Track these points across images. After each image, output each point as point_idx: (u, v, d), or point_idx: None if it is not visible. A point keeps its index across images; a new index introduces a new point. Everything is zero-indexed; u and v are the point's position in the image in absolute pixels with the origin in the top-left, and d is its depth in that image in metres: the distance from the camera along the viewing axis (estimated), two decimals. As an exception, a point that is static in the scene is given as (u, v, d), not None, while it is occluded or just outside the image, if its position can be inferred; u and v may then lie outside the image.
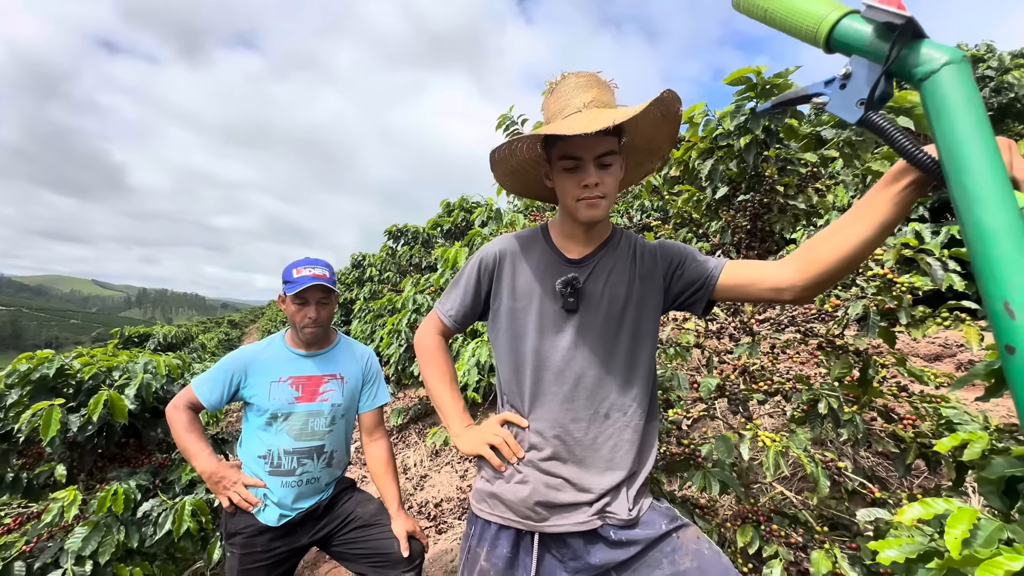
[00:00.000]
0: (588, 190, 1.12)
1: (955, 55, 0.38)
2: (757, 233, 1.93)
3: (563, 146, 1.11)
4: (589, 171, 1.11)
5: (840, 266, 0.97)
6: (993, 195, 0.35)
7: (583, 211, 1.15)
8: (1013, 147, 0.76)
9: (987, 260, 0.35)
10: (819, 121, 2.13)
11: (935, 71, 0.38)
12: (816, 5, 0.47)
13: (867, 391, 1.79)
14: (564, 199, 1.16)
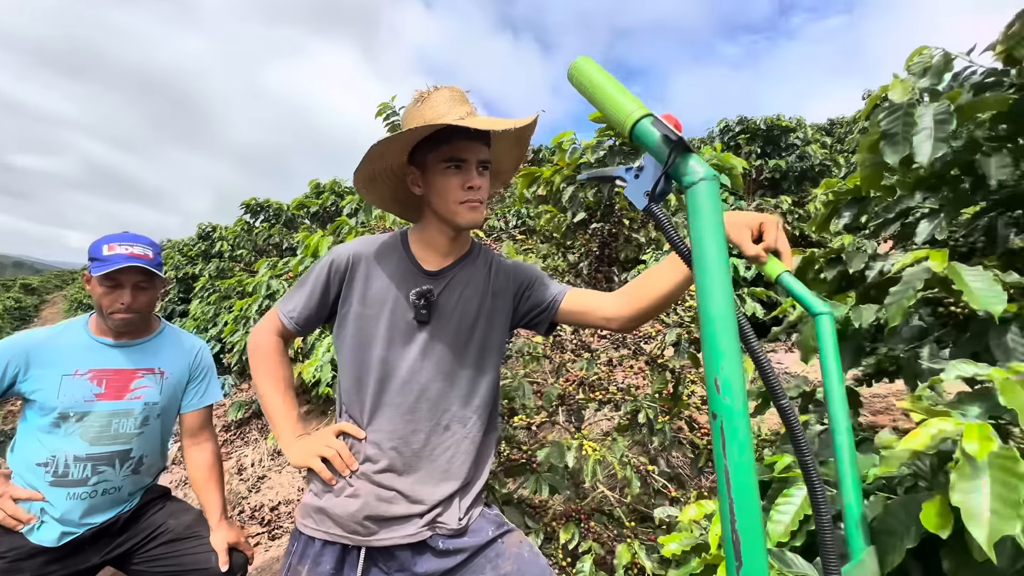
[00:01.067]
0: (473, 192, 1.13)
1: (709, 174, 0.47)
2: (604, 258, 2.13)
3: (449, 148, 1.10)
4: (474, 173, 1.12)
5: (656, 304, 1.13)
6: (717, 289, 0.44)
7: (465, 214, 1.14)
8: (779, 223, 0.96)
9: (707, 342, 0.44)
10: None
11: (695, 183, 0.47)
12: (626, 102, 0.55)
13: (677, 404, 2.10)
14: (443, 202, 1.14)
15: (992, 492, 0.59)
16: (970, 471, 0.61)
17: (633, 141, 0.54)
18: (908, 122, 1.13)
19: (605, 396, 2.33)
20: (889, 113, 1.17)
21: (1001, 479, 0.59)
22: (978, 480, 0.60)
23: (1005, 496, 0.58)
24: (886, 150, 1.15)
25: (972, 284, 0.90)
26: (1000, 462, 0.60)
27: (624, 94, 0.56)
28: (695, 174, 0.48)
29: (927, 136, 1.09)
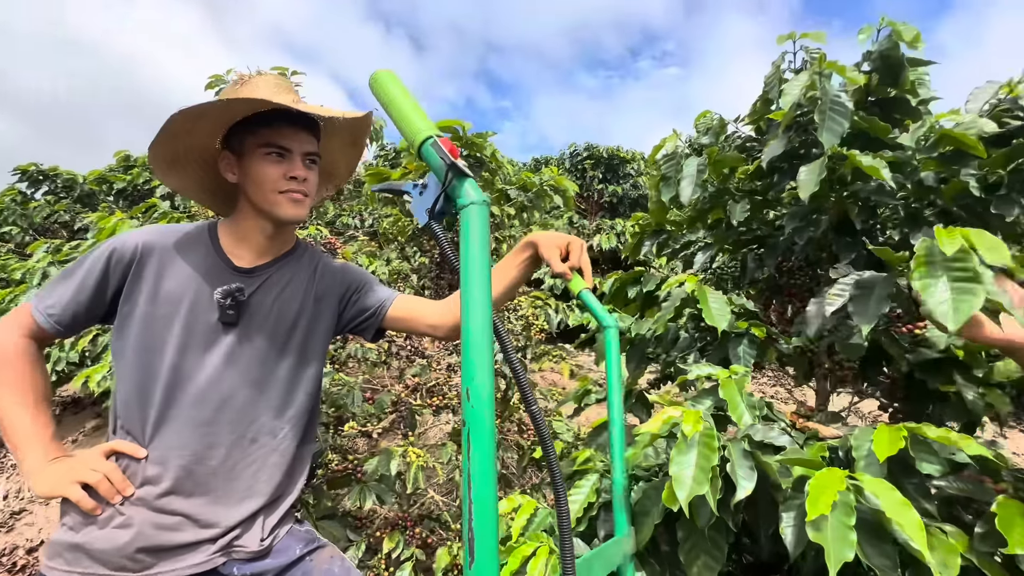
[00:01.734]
0: (296, 183, 1.05)
1: (480, 199, 0.53)
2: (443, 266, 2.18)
3: (270, 133, 1.02)
4: (298, 163, 1.06)
5: None
6: (477, 306, 0.50)
7: (286, 207, 1.06)
8: (583, 245, 1.09)
9: (464, 354, 0.49)
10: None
11: (466, 206, 0.52)
12: (417, 120, 0.59)
13: (507, 407, 2.23)
14: (261, 192, 1.04)
15: (697, 463, 0.75)
16: (685, 447, 0.77)
17: (420, 158, 0.58)
18: (678, 168, 1.39)
19: (443, 402, 2.38)
20: (667, 160, 1.42)
21: (704, 452, 0.76)
22: (689, 454, 0.76)
23: (704, 465, 0.74)
24: (663, 190, 1.40)
25: (712, 305, 1.13)
26: (704, 439, 0.77)
27: (417, 112, 0.60)
28: (468, 197, 0.53)
29: (689, 182, 1.35)
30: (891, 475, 0.85)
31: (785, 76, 1.33)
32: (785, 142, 1.26)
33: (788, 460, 0.74)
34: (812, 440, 0.93)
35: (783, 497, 0.74)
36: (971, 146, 1.05)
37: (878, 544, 0.66)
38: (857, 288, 0.84)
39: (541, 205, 2.41)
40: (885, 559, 0.65)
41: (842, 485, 0.66)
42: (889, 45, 1.18)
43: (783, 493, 0.75)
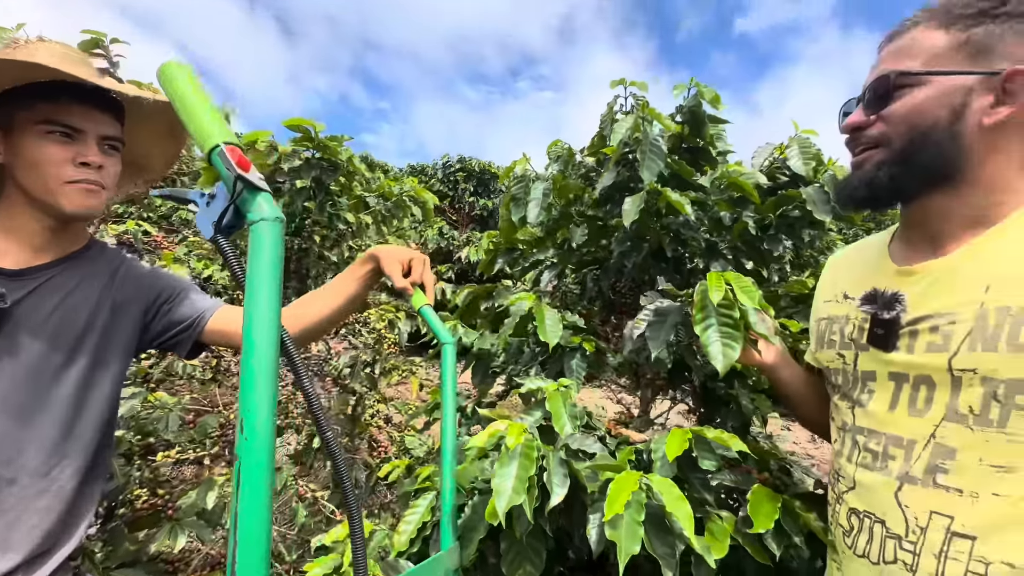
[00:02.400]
0: (88, 171, 0.88)
1: (272, 215, 0.49)
2: (289, 274, 2.02)
3: (51, 109, 0.84)
4: (91, 147, 0.88)
5: (319, 327, 1.12)
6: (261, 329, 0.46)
7: (73, 197, 0.88)
8: (426, 261, 1.08)
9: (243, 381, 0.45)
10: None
11: (256, 222, 0.48)
12: (208, 123, 0.53)
13: (357, 425, 2.13)
14: (38, 178, 0.87)
15: (516, 474, 0.79)
16: (507, 460, 0.80)
17: (211, 165, 0.53)
18: (527, 191, 1.47)
19: (284, 421, 2.18)
20: (516, 182, 1.50)
21: (524, 463, 0.80)
22: (510, 466, 0.80)
23: (522, 475, 0.78)
24: (512, 210, 1.47)
25: (547, 322, 1.21)
26: (525, 451, 0.82)
27: (209, 114, 0.54)
28: (259, 213, 0.49)
29: (536, 204, 1.44)
30: (681, 471, 0.98)
31: (617, 116, 1.49)
32: (615, 175, 1.40)
33: (595, 466, 0.81)
34: (623, 445, 1.04)
35: (591, 500, 0.81)
36: (749, 192, 1.28)
37: (662, 536, 0.75)
38: (655, 315, 0.96)
39: (400, 215, 2.37)
40: (667, 548, 0.74)
41: (635, 486, 0.74)
42: (695, 103, 1.39)
43: (591, 496, 0.81)
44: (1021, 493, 0.58)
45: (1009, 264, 0.61)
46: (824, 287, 0.89)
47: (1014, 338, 0.57)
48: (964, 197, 0.66)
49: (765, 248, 1.42)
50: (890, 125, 0.67)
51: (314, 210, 2.09)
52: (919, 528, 0.63)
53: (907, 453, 0.66)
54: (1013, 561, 0.57)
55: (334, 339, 2.14)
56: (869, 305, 0.71)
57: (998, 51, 0.62)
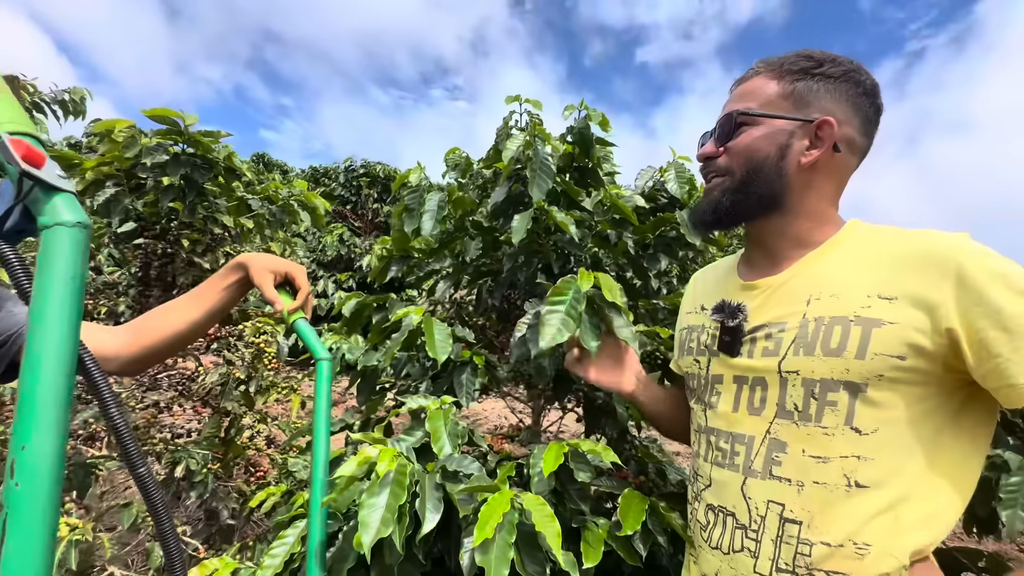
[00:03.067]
0: None
1: (72, 220, 0.42)
2: (152, 281, 1.78)
3: None
4: None
5: (170, 343, 0.98)
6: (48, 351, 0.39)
7: None
8: (303, 271, 1.00)
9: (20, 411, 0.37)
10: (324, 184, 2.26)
11: (50, 227, 0.40)
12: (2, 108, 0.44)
13: (231, 449, 1.92)
14: None
15: (387, 504, 0.74)
16: (376, 488, 0.76)
17: None
18: (421, 201, 1.44)
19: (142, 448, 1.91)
20: (410, 191, 1.46)
21: (395, 491, 0.76)
22: (381, 495, 0.75)
23: (393, 504, 0.74)
24: (405, 220, 1.43)
25: (436, 336, 1.18)
26: (398, 478, 0.78)
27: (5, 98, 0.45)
28: (53, 216, 0.42)
29: (430, 216, 1.41)
30: (560, 483, 1.00)
31: (512, 132, 1.51)
32: (507, 191, 1.42)
33: (469, 488, 0.80)
34: (505, 461, 1.04)
35: (465, 524, 0.79)
36: (627, 214, 1.36)
37: (533, 554, 0.75)
38: (535, 318, 0.98)
39: (287, 221, 2.21)
40: (537, 567, 0.75)
41: (507, 507, 0.74)
42: (584, 124, 1.44)
43: (467, 519, 0.79)
44: (835, 481, 0.66)
45: (824, 282, 0.71)
46: (686, 300, 0.99)
47: (826, 344, 0.66)
48: (790, 223, 0.76)
49: (645, 265, 1.51)
50: (732, 157, 0.77)
51: (183, 212, 1.87)
52: (759, 517, 0.70)
53: (748, 449, 0.73)
54: (829, 540, 0.65)
55: (206, 354, 1.92)
56: (718, 314, 0.79)
57: (814, 103, 0.73)
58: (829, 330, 0.67)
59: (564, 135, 1.51)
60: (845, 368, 0.65)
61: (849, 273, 0.69)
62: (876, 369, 0.63)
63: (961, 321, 0.60)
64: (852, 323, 0.65)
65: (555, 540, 0.70)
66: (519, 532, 0.74)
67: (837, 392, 0.66)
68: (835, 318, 0.67)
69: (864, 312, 0.65)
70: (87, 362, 0.46)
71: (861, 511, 0.64)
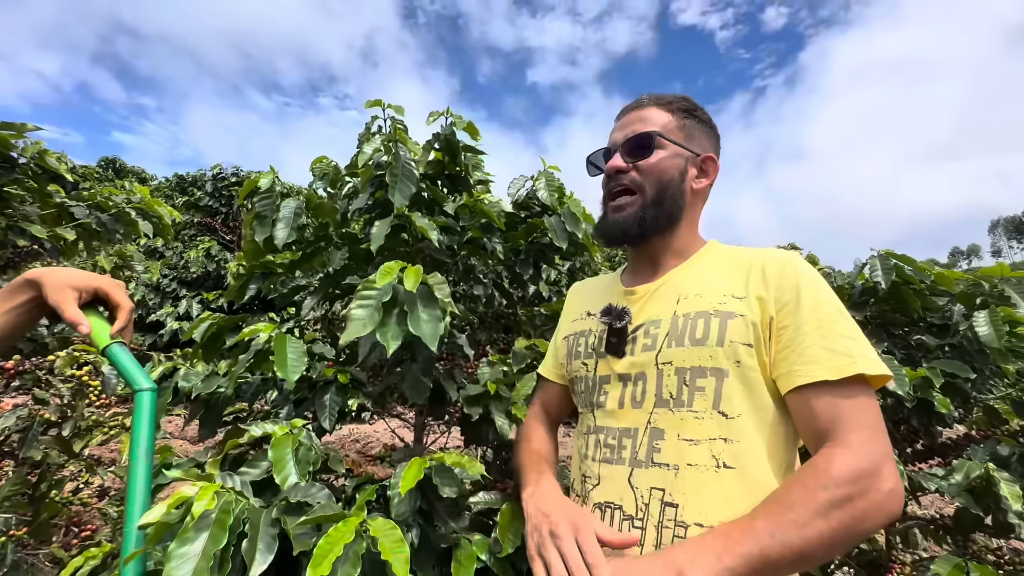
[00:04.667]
0: None
1: None
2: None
3: None
4: None
5: None
6: None
7: None
8: (123, 287, 0.84)
9: None
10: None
11: None
12: None
13: (43, 507, 1.58)
14: None
15: (203, 551, 0.63)
16: (192, 533, 0.64)
17: None
18: (275, 208, 1.31)
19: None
20: (262, 197, 1.32)
21: (215, 534, 0.65)
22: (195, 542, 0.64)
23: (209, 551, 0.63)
24: (257, 229, 1.29)
25: (289, 355, 1.07)
26: (220, 517, 0.67)
27: None
28: None
29: (285, 224, 1.29)
30: (427, 502, 0.95)
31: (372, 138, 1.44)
32: (368, 196, 1.34)
33: (309, 520, 0.71)
34: (367, 485, 0.96)
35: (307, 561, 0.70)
36: (493, 219, 1.36)
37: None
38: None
39: (120, 232, 1.90)
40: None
41: (351, 536, 0.67)
42: (449, 131, 1.42)
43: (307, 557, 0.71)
44: (705, 462, 0.69)
45: (690, 285, 0.81)
46: (569, 309, 1.04)
47: (692, 334, 0.74)
48: (677, 238, 0.87)
49: (518, 271, 1.52)
50: (644, 175, 0.84)
51: (-33, 220, 1.52)
52: (644, 505, 0.72)
53: (634, 441, 0.76)
54: (701, 521, 0.67)
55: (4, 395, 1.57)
56: (606, 317, 0.85)
57: (696, 139, 0.86)
58: (695, 323, 0.75)
59: (430, 142, 1.48)
60: (709, 355, 0.72)
61: (710, 277, 0.80)
62: (733, 354, 0.71)
63: (776, 314, 0.72)
64: (712, 316, 0.74)
65: (402, 569, 0.64)
66: (367, 562, 0.68)
67: (705, 378, 0.72)
68: (699, 312, 0.75)
69: (721, 307, 0.74)
70: None
71: (728, 492, 0.68)
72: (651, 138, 0.83)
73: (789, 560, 0.58)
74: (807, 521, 0.58)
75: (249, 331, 1.10)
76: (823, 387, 0.66)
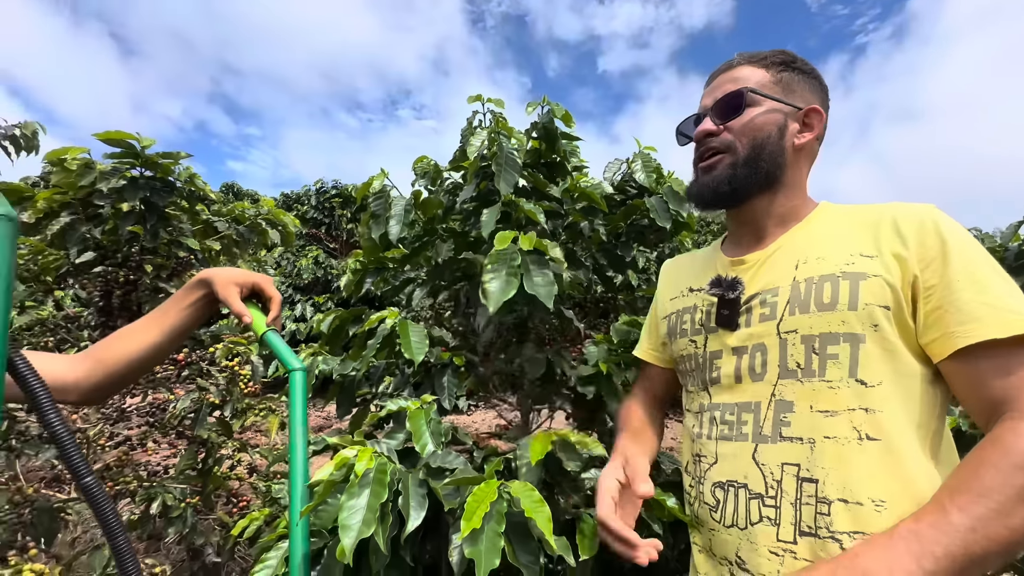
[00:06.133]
0: None
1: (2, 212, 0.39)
2: (115, 311, 1.71)
3: None
4: None
5: (132, 368, 0.93)
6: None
7: None
8: (272, 282, 0.97)
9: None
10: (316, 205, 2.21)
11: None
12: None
13: (210, 480, 1.84)
14: None
15: (367, 504, 0.71)
16: (356, 490, 0.72)
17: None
18: (387, 206, 1.42)
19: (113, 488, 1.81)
20: (376, 197, 1.43)
21: (375, 491, 0.73)
22: (360, 496, 0.72)
23: (374, 504, 0.71)
24: (372, 227, 1.40)
25: (412, 338, 1.16)
26: (378, 476, 0.75)
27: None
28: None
29: (397, 220, 1.39)
30: (550, 475, 0.98)
31: (475, 131, 1.51)
32: (475, 187, 1.41)
33: (454, 481, 0.77)
34: (492, 457, 1.01)
35: (453, 519, 0.76)
36: (596, 201, 1.36)
37: (524, 543, 0.73)
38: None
39: (255, 240, 2.16)
40: (530, 555, 0.72)
41: (494, 495, 0.71)
42: (548, 119, 1.45)
43: (455, 514, 0.77)
44: (845, 434, 0.65)
45: (808, 249, 0.75)
46: (666, 288, 0.99)
47: (819, 299, 0.69)
48: (780, 201, 0.81)
49: (619, 254, 1.51)
50: (735, 134, 0.79)
51: (144, 236, 1.81)
52: (776, 482, 0.68)
53: (756, 416, 0.73)
54: (846, 496, 0.63)
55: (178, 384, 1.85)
56: (716, 288, 0.81)
57: (798, 92, 0.80)
58: (820, 287, 0.70)
59: (529, 131, 1.51)
60: (841, 320, 0.67)
61: (830, 239, 0.74)
62: (869, 318, 0.65)
63: (921, 272, 0.65)
64: (840, 278, 0.68)
65: (546, 525, 0.67)
66: (508, 522, 0.72)
67: (838, 344, 0.67)
68: (823, 276, 0.70)
69: (849, 268, 0.69)
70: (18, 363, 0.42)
71: (873, 465, 0.63)
72: (742, 96, 0.78)
73: (995, 554, 0.51)
74: (1011, 509, 0.52)
75: (376, 317, 1.20)
76: (990, 348, 0.59)
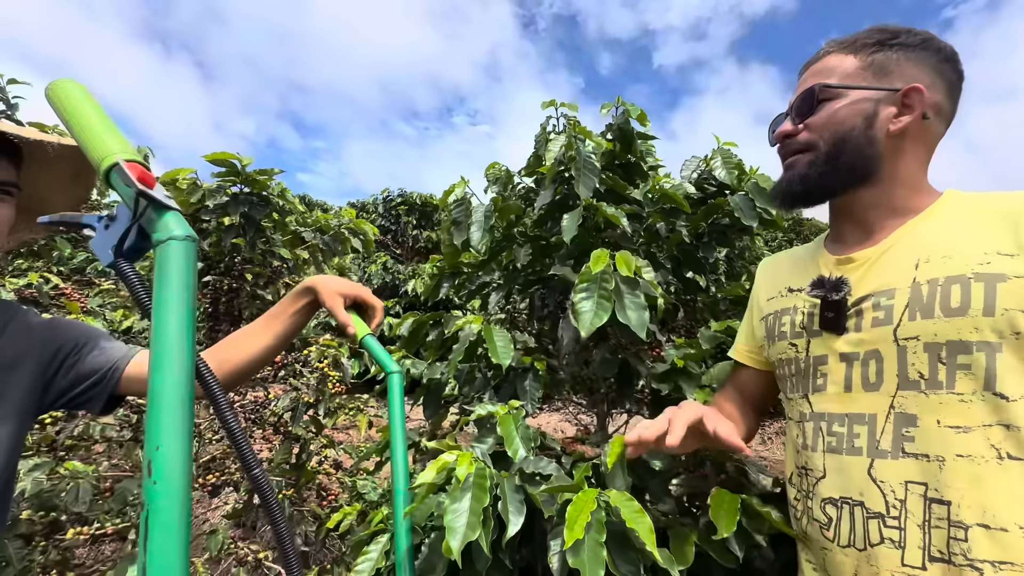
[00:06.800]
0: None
1: (183, 233, 0.44)
2: (222, 316, 1.88)
3: None
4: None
5: (248, 367, 1.03)
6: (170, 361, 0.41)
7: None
8: (368, 291, 1.03)
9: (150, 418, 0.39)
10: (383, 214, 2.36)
11: (163, 241, 0.43)
12: (109, 138, 0.48)
13: (303, 473, 1.98)
14: None
15: (470, 508, 0.74)
16: (458, 493, 0.75)
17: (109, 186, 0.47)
18: (468, 214, 1.46)
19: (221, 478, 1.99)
20: (457, 205, 1.48)
21: (477, 495, 0.75)
22: (463, 500, 0.75)
23: (476, 508, 0.73)
24: (454, 233, 1.45)
25: (498, 343, 1.18)
26: (479, 481, 0.77)
27: (107, 129, 0.49)
28: (166, 231, 0.44)
29: (478, 227, 1.43)
30: (638, 478, 0.97)
31: (550, 136, 1.52)
32: (552, 193, 1.42)
33: (551, 489, 0.78)
34: (580, 463, 1.01)
35: (551, 525, 0.77)
36: (679, 202, 1.33)
37: (624, 554, 0.72)
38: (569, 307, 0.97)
39: (339, 248, 2.29)
40: (631, 566, 0.72)
41: (593, 505, 0.72)
42: (623, 120, 1.43)
43: (551, 521, 0.78)
44: (981, 453, 0.59)
45: (931, 246, 0.68)
46: (763, 288, 0.94)
47: (946, 304, 0.63)
48: (885, 192, 0.74)
49: (701, 256, 1.47)
50: (814, 132, 0.75)
51: (244, 247, 1.97)
52: (899, 501, 0.63)
53: (871, 428, 0.67)
54: (987, 522, 0.58)
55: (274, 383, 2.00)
56: (819, 290, 0.76)
57: (896, 72, 0.73)
58: (946, 290, 0.63)
59: (604, 133, 1.50)
60: (973, 327, 0.61)
61: (958, 234, 0.67)
62: (1009, 325, 0.59)
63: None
64: (972, 280, 0.62)
65: (648, 536, 0.67)
66: (608, 531, 0.72)
67: (969, 354, 0.61)
68: (951, 277, 0.64)
69: (983, 269, 0.62)
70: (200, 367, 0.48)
71: (1017, 487, 0.58)
72: (819, 93, 0.74)
73: None
74: None
75: (462, 322, 1.24)
76: None
